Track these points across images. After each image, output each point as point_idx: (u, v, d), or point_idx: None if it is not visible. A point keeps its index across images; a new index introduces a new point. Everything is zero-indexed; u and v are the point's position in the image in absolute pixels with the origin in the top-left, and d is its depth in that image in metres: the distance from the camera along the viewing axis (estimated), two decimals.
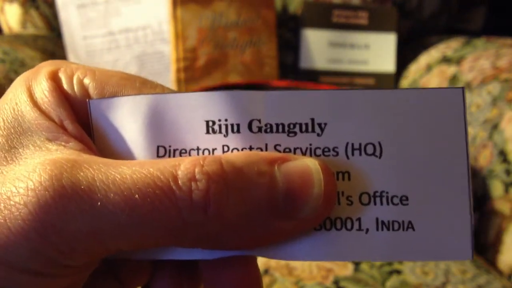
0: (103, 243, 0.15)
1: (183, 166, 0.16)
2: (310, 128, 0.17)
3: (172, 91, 0.19)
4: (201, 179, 0.15)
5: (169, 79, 0.83)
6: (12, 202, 0.15)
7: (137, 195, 0.15)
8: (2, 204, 0.15)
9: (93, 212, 0.15)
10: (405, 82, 0.88)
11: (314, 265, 0.49)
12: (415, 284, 0.47)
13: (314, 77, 0.87)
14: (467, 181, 0.17)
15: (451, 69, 0.77)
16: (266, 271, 0.47)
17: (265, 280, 0.47)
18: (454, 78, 0.75)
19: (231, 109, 0.17)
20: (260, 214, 0.16)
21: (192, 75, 0.80)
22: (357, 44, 0.88)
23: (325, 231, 0.17)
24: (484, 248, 0.58)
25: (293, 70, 0.90)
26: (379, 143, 0.17)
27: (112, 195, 0.15)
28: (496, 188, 0.59)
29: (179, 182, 0.15)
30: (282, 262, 0.49)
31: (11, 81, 0.19)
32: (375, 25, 0.88)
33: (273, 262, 0.49)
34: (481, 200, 0.60)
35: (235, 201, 0.16)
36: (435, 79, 0.80)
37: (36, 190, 0.15)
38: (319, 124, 0.17)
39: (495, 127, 0.61)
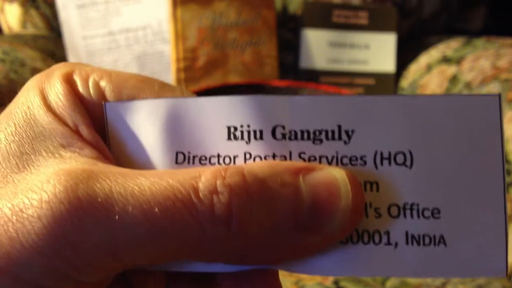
0: (120, 258, 0.15)
1: (204, 178, 0.15)
2: (336, 136, 0.16)
3: (192, 95, 0.18)
4: (223, 191, 0.15)
5: (169, 79, 0.83)
6: (25, 215, 0.14)
7: (156, 209, 0.14)
8: (14, 217, 0.14)
9: (111, 226, 0.14)
10: (405, 82, 0.88)
11: None
12: (415, 284, 0.47)
13: (314, 77, 0.87)
14: (502, 195, 0.16)
15: (451, 69, 0.77)
16: None
17: None
18: (454, 78, 0.75)
19: (254, 114, 0.17)
20: (285, 228, 0.15)
21: (192, 75, 0.80)
22: (357, 44, 0.88)
23: (352, 245, 0.16)
24: None
25: (293, 70, 0.90)
26: (410, 152, 0.16)
27: (130, 208, 0.14)
28: None
29: (200, 194, 0.15)
30: None
31: (11, 81, 0.18)
32: (375, 25, 0.88)
33: None
34: None
35: (259, 215, 0.15)
36: (435, 79, 0.80)
37: (50, 202, 0.14)
38: (346, 131, 0.16)
39: None
